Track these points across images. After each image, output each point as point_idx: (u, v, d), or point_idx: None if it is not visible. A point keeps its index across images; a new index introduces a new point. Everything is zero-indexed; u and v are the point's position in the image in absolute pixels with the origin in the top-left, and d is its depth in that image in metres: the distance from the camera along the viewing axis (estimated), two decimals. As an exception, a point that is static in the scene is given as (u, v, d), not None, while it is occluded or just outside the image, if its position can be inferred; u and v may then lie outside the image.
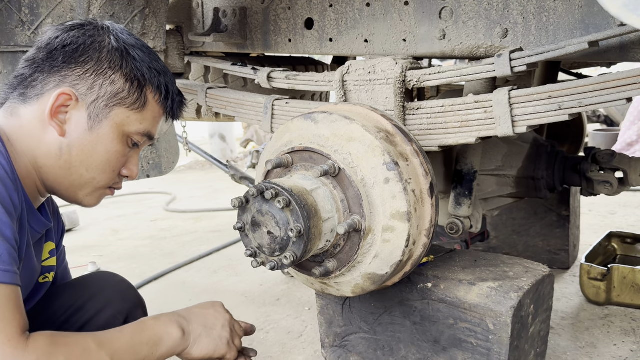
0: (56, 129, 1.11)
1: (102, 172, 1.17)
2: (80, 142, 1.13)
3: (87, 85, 1.12)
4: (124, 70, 1.15)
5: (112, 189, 1.24)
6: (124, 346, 1.08)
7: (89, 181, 1.17)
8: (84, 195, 1.19)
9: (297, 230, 1.26)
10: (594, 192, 2.13)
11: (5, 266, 0.93)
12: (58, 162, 1.13)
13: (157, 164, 2.07)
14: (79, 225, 4.52)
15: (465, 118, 1.53)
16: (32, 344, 0.93)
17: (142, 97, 1.18)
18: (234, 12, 2.16)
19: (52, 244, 1.31)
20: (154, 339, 1.15)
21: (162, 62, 1.25)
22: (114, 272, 1.51)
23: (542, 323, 1.64)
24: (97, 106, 1.13)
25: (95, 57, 1.13)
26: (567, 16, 1.48)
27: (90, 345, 1.01)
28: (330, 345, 1.88)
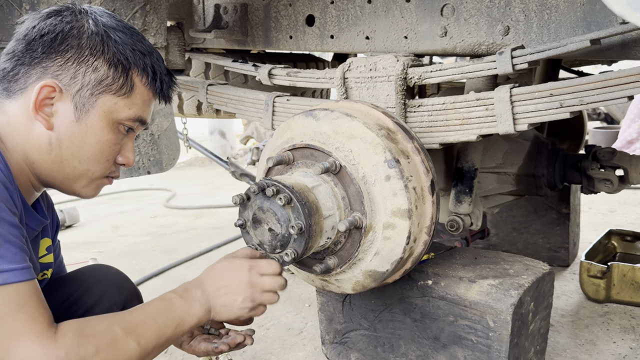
0: (43, 123, 1.07)
1: (95, 162, 1.13)
2: (69, 135, 1.09)
3: (70, 74, 1.07)
4: (106, 55, 1.09)
5: (109, 178, 1.20)
6: (150, 329, 1.06)
7: (83, 173, 1.13)
8: (80, 187, 1.16)
9: (298, 228, 1.26)
10: (594, 189, 2.14)
11: (20, 264, 0.92)
12: (49, 157, 1.09)
13: (158, 160, 2.06)
14: (79, 222, 4.52)
15: (467, 115, 1.53)
16: (60, 338, 0.93)
17: (128, 81, 1.12)
18: (235, 8, 2.15)
19: (48, 240, 1.29)
20: (178, 320, 1.12)
21: (147, 42, 1.19)
22: (109, 265, 1.50)
23: (542, 320, 1.64)
24: (83, 95, 1.08)
25: (75, 44, 1.08)
26: (569, 14, 1.48)
27: (118, 334, 1.00)
28: (331, 342, 1.89)
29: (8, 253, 0.91)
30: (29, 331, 0.90)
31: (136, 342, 1.02)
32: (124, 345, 1.00)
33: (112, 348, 0.98)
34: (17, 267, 0.92)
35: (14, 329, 0.89)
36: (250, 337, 1.34)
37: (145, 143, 2.02)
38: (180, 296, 1.16)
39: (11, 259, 0.91)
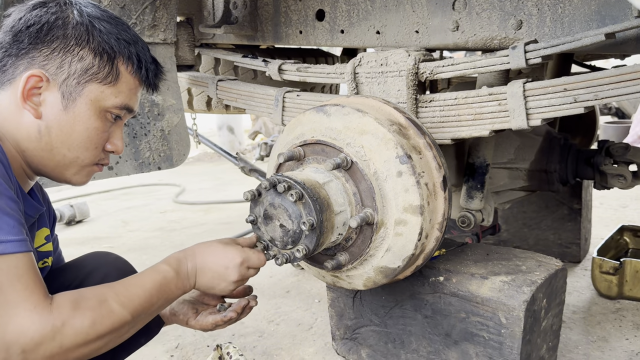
0: (31, 111, 1.09)
1: (84, 150, 1.15)
2: (57, 123, 1.11)
3: (56, 64, 1.10)
4: (91, 45, 1.12)
5: (99, 165, 1.22)
6: (143, 301, 1.10)
7: (73, 160, 1.15)
8: (71, 174, 1.18)
9: (309, 224, 1.26)
10: (607, 185, 2.12)
11: (18, 236, 0.94)
12: (39, 145, 1.11)
13: (168, 156, 2.07)
14: (89, 217, 4.55)
15: (479, 111, 1.51)
16: (56, 308, 0.95)
17: (114, 70, 1.14)
18: (245, 3, 2.15)
19: (46, 230, 1.31)
20: (169, 294, 1.17)
21: (132, 31, 1.21)
22: (109, 251, 1.52)
23: (554, 317, 1.63)
24: (69, 84, 1.11)
25: (60, 34, 1.10)
26: (582, 7, 1.46)
27: (114, 307, 1.03)
28: (341, 338, 1.88)
29: (5, 225, 0.93)
30: (26, 301, 0.92)
31: (130, 314, 1.06)
32: (120, 316, 1.03)
33: (107, 319, 1.01)
34: (15, 238, 0.94)
35: (11, 298, 0.91)
36: (254, 299, 1.38)
37: (156, 139, 2.02)
38: (175, 271, 1.19)
39: (8, 231, 0.93)
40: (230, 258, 1.24)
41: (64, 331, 0.94)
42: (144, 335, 1.42)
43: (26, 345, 0.90)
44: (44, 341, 0.91)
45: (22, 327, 0.90)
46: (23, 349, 0.90)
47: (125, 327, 1.06)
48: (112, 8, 1.85)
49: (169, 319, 1.45)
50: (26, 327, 0.90)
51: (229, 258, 1.24)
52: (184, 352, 2.14)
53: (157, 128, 2.02)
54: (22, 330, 0.90)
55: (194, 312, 1.40)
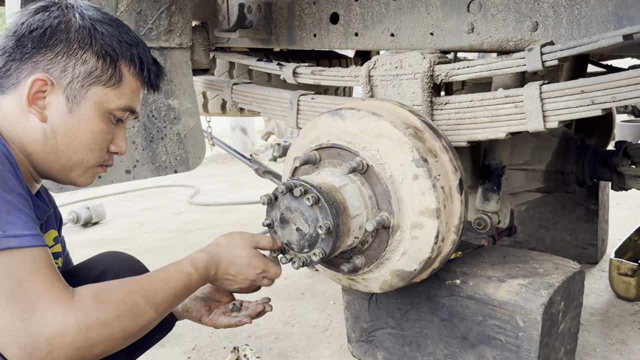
0: (36, 115, 1.10)
1: (89, 152, 1.16)
2: (63, 126, 1.12)
3: (60, 68, 1.10)
4: (94, 48, 1.13)
5: (103, 166, 1.24)
6: (167, 300, 1.11)
7: (78, 162, 1.17)
8: (76, 176, 1.20)
9: (326, 227, 1.26)
10: (625, 186, 2.09)
11: (32, 231, 0.95)
12: (45, 148, 1.12)
13: (184, 159, 2.08)
14: (105, 218, 4.59)
15: (495, 113, 1.51)
16: (78, 300, 0.95)
17: (117, 72, 1.16)
18: (259, 7, 2.16)
19: (54, 232, 1.33)
20: (190, 291, 1.19)
21: (132, 33, 1.22)
22: (120, 251, 1.54)
23: (572, 320, 1.62)
24: (73, 87, 1.12)
25: (63, 38, 1.11)
26: (599, 8, 1.44)
27: (139, 301, 1.04)
28: (357, 340, 1.89)
29: (19, 220, 0.94)
30: (48, 293, 0.92)
31: (154, 310, 1.07)
32: (144, 312, 1.05)
33: (132, 314, 1.02)
34: (30, 233, 0.94)
35: (32, 291, 0.91)
36: (269, 304, 1.41)
37: (172, 143, 2.04)
38: (200, 275, 1.21)
39: (22, 226, 0.93)
40: (253, 268, 1.28)
41: (89, 323, 0.94)
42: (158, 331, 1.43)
43: (51, 336, 0.90)
44: (68, 332, 0.92)
45: (46, 319, 0.90)
46: (49, 340, 0.90)
47: (151, 322, 1.07)
48: (129, 13, 1.87)
49: (181, 314, 1.46)
50: (50, 319, 0.90)
51: (252, 267, 1.28)
52: (201, 354, 2.15)
53: (173, 132, 2.04)
54: (46, 322, 0.90)
55: (207, 309, 1.42)
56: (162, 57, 2.00)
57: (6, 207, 0.93)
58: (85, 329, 0.94)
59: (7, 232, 0.91)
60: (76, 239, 3.92)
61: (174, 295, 1.13)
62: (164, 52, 2.00)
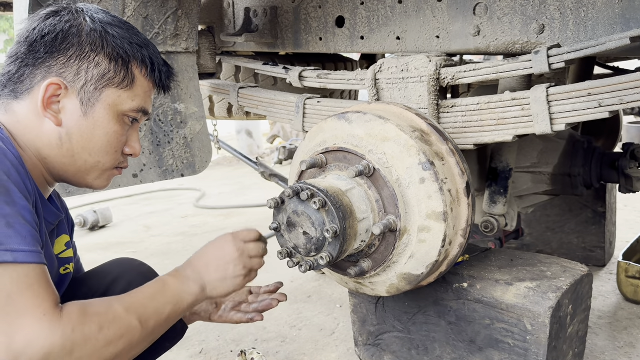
0: (52, 119, 1.11)
1: (105, 154, 1.17)
2: (78, 129, 1.13)
3: (73, 71, 1.11)
4: (105, 50, 1.13)
5: (119, 168, 1.24)
6: (149, 308, 1.10)
7: (94, 165, 1.17)
8: (92, 179, 1.20)
9: (333, 231, 1.26)
10: (632, 189, 2.09)
11: (30, 247, 0.94)
12: (61, 152, 1.13)
13: (191, 163, 2.09)
14: (112, 222, 4.61)
15: (502, 116, 1.51)
16: (65, 316, 0.94)
17: (129, 74, 1.16)
18: (265, 11, 2.17)
19: (66, 237, 1.33)
20: (176, 298, 1.16)
21: (142, 35, 1.23)
22: (132, 257, 1.54)
23: (580, 323, 1.61)
24: (87, 91, 1.12)
25: (75, 42, 1.11)
26: (606, 10, 1.44)
27: (119, 312, 1.03)
28: (364, 344, 1.89)
29: (18, 235, 0.93)
30: (36, 309, 0.91)
31: (137, 319, 1.05)
32: (126, 322, 1.03)
33: (114, 325, 1.01)
34: (27, 249, 0.93)
35: (21, 306, 0.90)
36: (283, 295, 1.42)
37: (179, 146, 2.05)
38: (173, 277, 1.20)
39: (21, 241, 0.93)
40: (228, 252, 1.25)
41: (74, 338, 0.93)
42: (169, 339, 1.43)
43: (35, 354, 0.88)
44: (53, 351, 0.90)
45: (31, 337, 0.89)
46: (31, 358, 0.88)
47: (136, 334, 1.05)
48: (136, 18, 1.88)
49: (190, 319, 1.47)
50: (35, 337, 0.89)
51: (225, 252, 1.25)
52: (208, 357, 2.16)
53: (180, 136, 2.05)
54: (30, 339, 0.89)
55: (214, 307, 1.42)
56: (169, 61, 2.00)
57: (6, 220, 0.92)
58: (70, 345, 0.93)
59: (4, 246, 0.90)
60: (83, 243, 3.93)
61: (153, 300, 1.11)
62: (170, 56, 2.01)
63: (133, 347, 1.05)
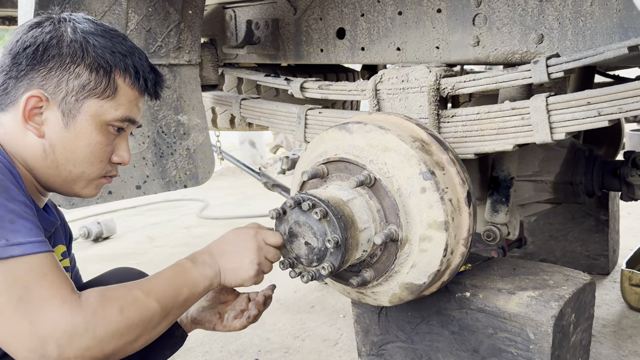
0: (34, 132, 1.11)
1: (89, 164, 1.16)
2: (60, 141, 1.12)
3: (54, 83, 1.11)
4: (86, 61, 1.12)
5: (107, 177, 1.23)
6: (168, 291, 1.11)
7: (79, 175, 1.17)
8: (80, 188, 1.20)
9: (334, 241, 1.27)
10: (634, 197, 2.09)
11: (37, 238, 0.96)
12: (45, 163, 1.13)
13: (194, 174, 2.10)
14: (116, 233, 4.63)
15: (502, 125, 1.52)
16: (85, 301, 0.96)
17: (111, 83, 1.15)
18: (266, 23, 2.19)
19: (62, 247, 1.34)
20: (192, 281, 1.17)
21: (128, 42, 1.21)
22: (132, 267, 1.55)
23: (583, 332, 1.61)
24: (68, 102, 1.12)
25: (55, 53, 1.11)
26: (604, 20, 1.45)
27: (138, 294, 1.05)
28: (367, 354, 1.88)
29: (23, 228, 0.95)
30: (55, 296, 0.93)
31: (156, 300, 1.07)
32: (146, 304, 1.05)
33: (134, 307, 1.02)
34: (34, 239, 0.95)
35: (39, 295, 0.92)
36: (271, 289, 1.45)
37: (182, 158, 2.06)
38: (190, 260, 1.20)
39: (26, 233, 0.95)
40: (248, 245, 1.25)
41: (95, 321, 0.95)
42: (169, 347, 1.44)
43: (60, 338, 0.91)
44: (77, 333, 0.93)
45: (54, 322, 0.92)
46: (58, 342, 0.91)
47: (155, 316, 1.06)
48: (139, 32, 1.90)
49: (190, 327, 1.47)
50: (58, 321, 0.92)
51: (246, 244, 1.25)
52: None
53: (182, 147, 2.06)
54: (54, 324, 0.91)
55: (217, 317, 1.43)
56: (172, 73, 2.02)
57: (9, 216, 0.94)
58: (93, 327, 0.95)
59: (10, 241, 0.92)
60: (87, 254, 3.94)
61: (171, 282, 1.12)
62: (173, 69, 2.03)
63: (153, 327, 1.07)
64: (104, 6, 1.78)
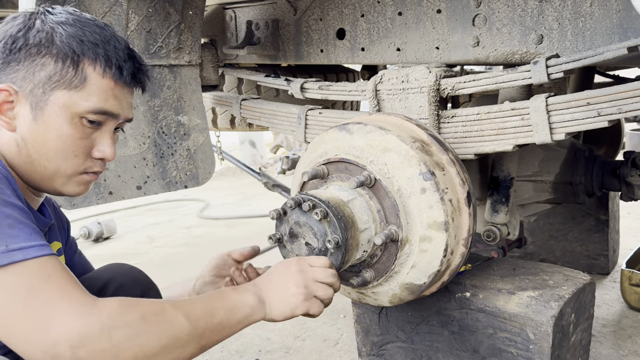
0: (5, 126, 1.09)
1: (63, 159, 1.11)
2: (30, 134, 1.08)
3: (21, 76, 1.08)
4: (52, 51, 1.08)
5: (90, 173, 1.16)
6: (199, 308, 1.04)
7: (55, 171, 1.11)
8: (59, 185, 1.14)
9: (334, 242, 1.27)
10: (634, 197, 2.09)
11: (37, 242, 0.93)
12: (21, 158, 1.10)
13: (194, 174, 2.11)
14: (116, 233, 4.63)
15: (502, 125, 1.52)
16: (101, 304, 0.93)
17: (79, 73, 1.08)
18: (267, 24, 2.19)
19: (58, 244, 1.31)
20: (230, 305, 1.10)
21: (106, 31, 1.14)
22: (123, 262, 1.53)
23: (583, 332, 1.61)
24: (36, 94, 1.08)
25: (22, 44, 1.08)
26: (604, 21, 1.46)
27: (165, 306, 1.00)
28: (368, 354, 1.89)
29: (22, 233, 0.92)
30: (63, 298, 0.90)
31: (183, 316, 1.00)
32: (172, 317, 0.98)
33: (158, 318, 0.97)
34: (35, 244, 0.92)
35: (47, 297, 0.89)
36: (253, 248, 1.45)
37: (182, 158, 2.07)
38: (232, 289, 1.15)
39: (26, 238, 0.92)
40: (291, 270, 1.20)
41: (112, 324, 0.91)
42: None
43: (72, 339, 0.87)
44: (90, 334, 0.88)
45: (65, 322, 0.88)
46: (70, 344, 0.87)
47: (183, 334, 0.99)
48: (139, 32, 1.90)
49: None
50: (69, 322, 0.88)
51: (289, 270, 1.21)
52: None
53: (183, 148, 2.07)
54: (65, 325, 0.88)
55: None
56: (172, 74, 2.03)
57: (7, 221, 0.92)
58: (108, 329, 0.90)
59: (10, 247, 0.89)
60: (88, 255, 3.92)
61: (205, 305, 1.06)
62: (173, 69, 2.03)
63: (181, 344, 0.99)
64: (104, 7, 1.78)
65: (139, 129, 1.95)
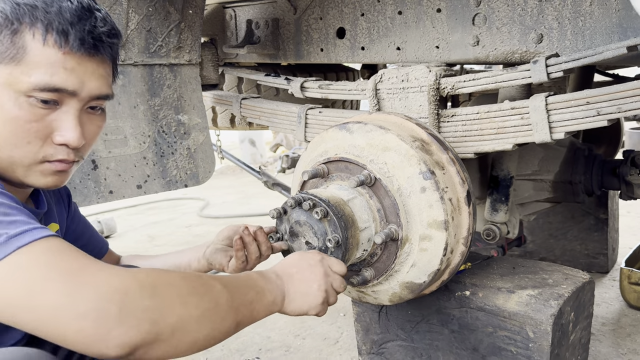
0: None
1: (13, 146, 0.96)
2: None
3: None
4: None
5: (54, 162, 1.01)
6: (233, 282, 0.98)
7: (10, 161, 0.97)
8: (22, 176, 1.00)
9: (335, 241, 1.28)
10: (633, 196, 2.09)
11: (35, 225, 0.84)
12: None
13: (194, 173, 2.11)
14: (116, 232, 4.63)
15: (502, 125, 1.52)
16: (134, 269, 0.85)
17: (15, 43, 0.92)
18: (267, 23, 2.19)
19: (55, 225, 1.22)
20: (258, 289, 1.04)
21: None
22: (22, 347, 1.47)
23: (582, 330, 1.62)
24: None
25: None
26: (604, 20, 1.46)
27: (202, 274, 0.94)
28: (368, 353, 1.89)
29: (20, 218, 0.84)
30: (87, 264, 0.81)
31: (221, 284, 0.94)
32: (210, 282, 0.92)
33: (198, 280, 0.90)
34: (38, 226, 0.84)
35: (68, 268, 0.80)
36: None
37: (183, 157, 2.07)
38: (260, 274, 1.10)
39: (27, 222, 0.84)
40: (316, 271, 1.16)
41: (151, 280, 0.83)
42: None
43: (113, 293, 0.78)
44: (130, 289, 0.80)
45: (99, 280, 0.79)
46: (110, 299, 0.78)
47: (221, 298, 0.93)
48: (139, 31, 1.91)
49: (207, 267, 1.46)
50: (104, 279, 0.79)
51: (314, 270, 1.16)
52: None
53: (183, 147, 2.07)
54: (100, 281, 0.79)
55: (227, 260, 1.41)
56: (172, 73, 2.03)
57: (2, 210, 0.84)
58: (149, 285, 0.82)
59: (11, 233, 0.81)
60: (88, 253, 3.95)
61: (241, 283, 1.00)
62: (173, 68, 2.04)
63: (219, 313, 0.92)
64: (104, 6, 1.78)
65: (139, 128, 1.95)
